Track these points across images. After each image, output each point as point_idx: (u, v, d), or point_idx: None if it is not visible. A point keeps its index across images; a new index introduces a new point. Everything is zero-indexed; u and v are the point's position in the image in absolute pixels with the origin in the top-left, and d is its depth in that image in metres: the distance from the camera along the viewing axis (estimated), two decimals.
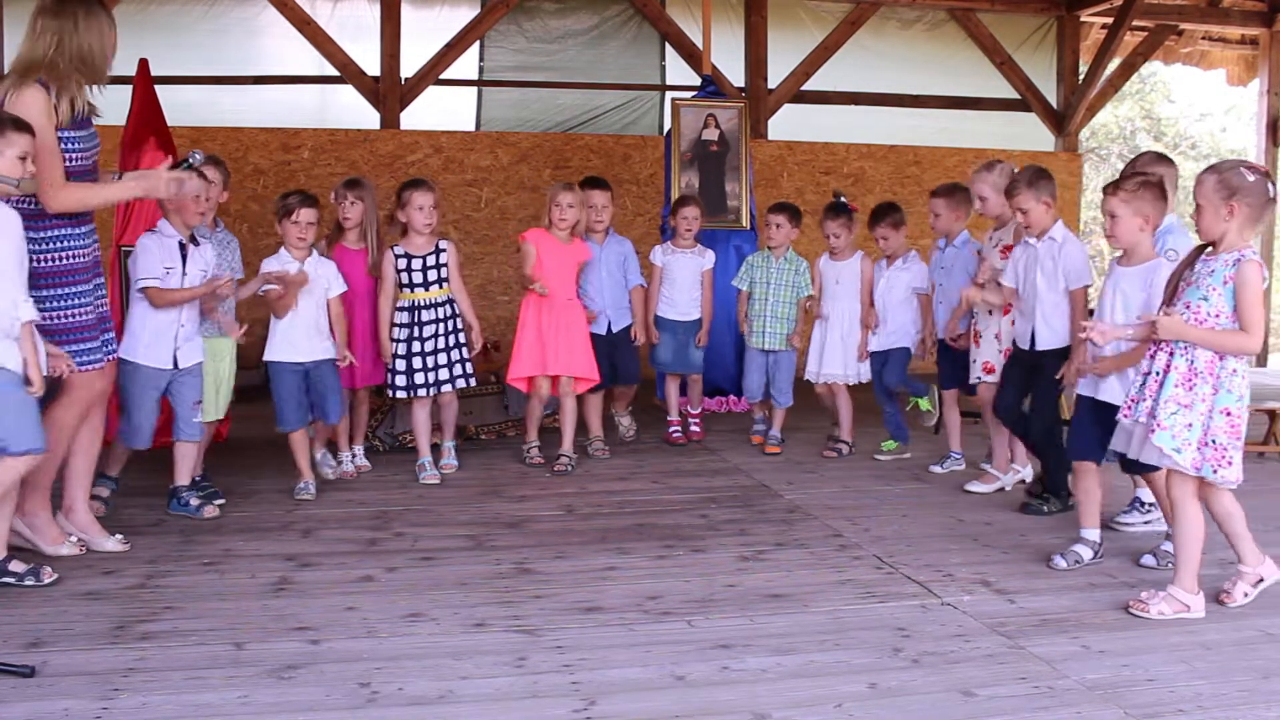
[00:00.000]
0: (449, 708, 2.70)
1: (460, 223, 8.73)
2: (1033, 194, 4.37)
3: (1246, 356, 3.33)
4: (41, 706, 2.65)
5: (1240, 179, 3.29)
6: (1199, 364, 3.30)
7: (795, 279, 5.84)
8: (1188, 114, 20.29)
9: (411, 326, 5.19)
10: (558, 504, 4.80)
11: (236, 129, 8.47)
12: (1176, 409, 3.30)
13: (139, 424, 4.28)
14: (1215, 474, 3.29)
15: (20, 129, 3.41)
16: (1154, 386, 3.36)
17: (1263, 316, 3.29)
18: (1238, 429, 3.30)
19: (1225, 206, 3.29)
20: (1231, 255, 3.30)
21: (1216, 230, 3.33)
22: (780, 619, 3.35)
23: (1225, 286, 3.28)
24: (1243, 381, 3.32)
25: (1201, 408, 3.29)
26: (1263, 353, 10.71)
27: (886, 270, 5.71)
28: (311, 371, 4.84)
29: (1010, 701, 2.77)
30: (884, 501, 4.88)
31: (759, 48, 9.49)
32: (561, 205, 5.39)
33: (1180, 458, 3.29)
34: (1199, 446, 3.29)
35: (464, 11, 9.05)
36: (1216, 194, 3.30)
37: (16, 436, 3.36)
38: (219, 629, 3.19)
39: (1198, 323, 3.31)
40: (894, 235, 5.66)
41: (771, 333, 5.84)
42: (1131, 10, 9.42)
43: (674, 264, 6.01)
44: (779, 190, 9.38)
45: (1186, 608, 3.36)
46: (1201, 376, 3.29)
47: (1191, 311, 3.32)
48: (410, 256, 5.19)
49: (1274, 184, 3.32)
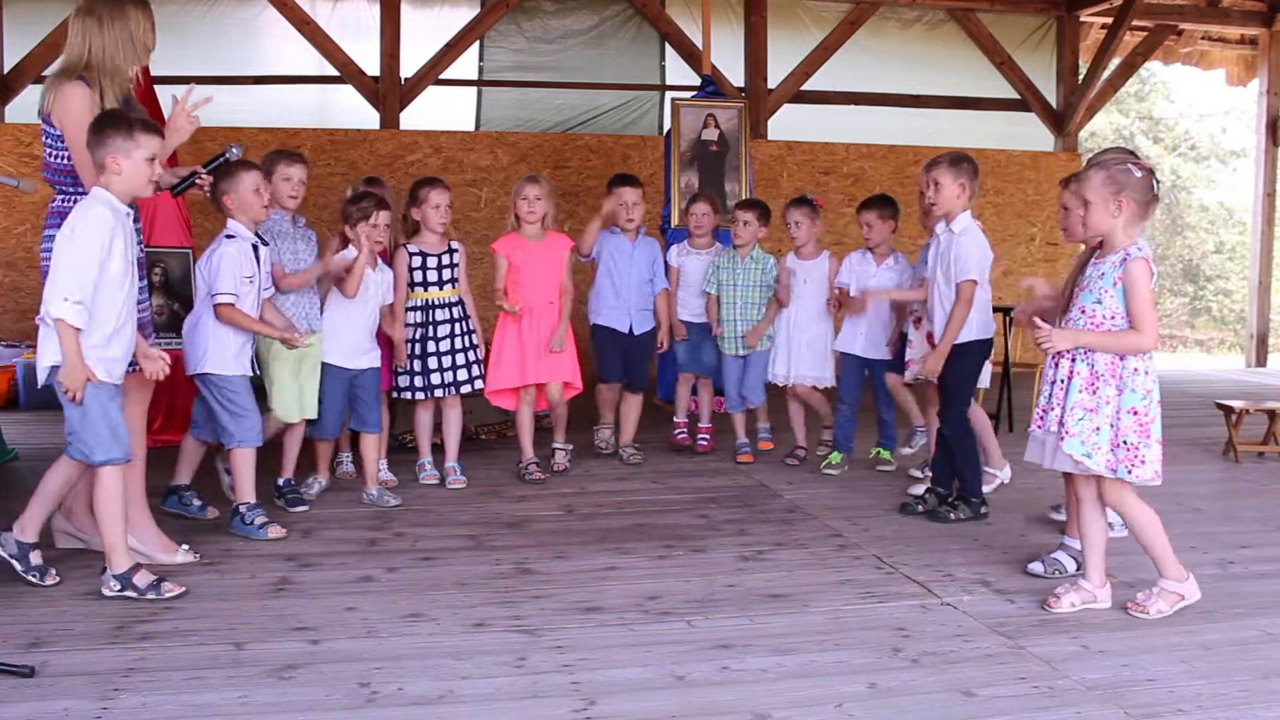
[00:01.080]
0: (449, 708, 2.70)
1: (460, 223, 8.72)
2: (950, 172, 4.37)
3: (1144, 355, 3.30)
4: (41, 706, 2.65)
5: (1128, 175, 3.27)
6: (1099, 367, 3.29)
7: (763, 278, 5.61)
8: (1187, 114, 20.30)
9: (426, 326, 5.08)
10: (558, 504, 4.80)
11: (236, 129, 8.46)
12: (1083, 414, 3.29)
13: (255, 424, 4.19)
14: (1130, 474, 3.28)
15: (150, 131, 3.42)
16: (1060, 394, 3.36)
17: (1152, 313, 3.26)
18: (1146, 427, 3.28)
19: (1114, 202, 3.27)
20: (1118, 255, 3.28)
21: (1104, 226, 3.30)
22: (780, 619, 3.35)
23: (1115, 288, 3.28)
24: (1147, 379, 3.30)
25: (1107, 410, 3.28)
26: (1263, 353, 10.71)
27: (875, 269, 5.43)
28: (357, 379, 4.78)
29: (1010, 701, 2.77)
30: (884, 501, 4.88)
31: (759, 48, 9.50)
32: (529, 198, 5.21)
33: (1091, 462, 3.29)
34: (1111, 448, 3.28)
35: (464, 11, 9.06)
36: (1105, 188, 3.27)
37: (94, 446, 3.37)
38: (219, 629, 3.19)
39: (1094, 326, 3.30)
40: (878, 225, 5.38)
41: (739, 337, 5.64)
42: (1131, 10, 9.43)
43: (690, 265, 5.82)
44: (779, 190, 9.38)
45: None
46: (1103, 379, 3.28)
47: (1086, 316, 3.32)
48: (425, 255, 5.10)
49: (1158, 182, 3.31)
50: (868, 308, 5.24)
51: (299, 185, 4.60)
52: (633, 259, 5.60)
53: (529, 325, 5.23)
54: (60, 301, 3.24)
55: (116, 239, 3.35)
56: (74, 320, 3.25)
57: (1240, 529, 4.48)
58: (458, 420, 5.23)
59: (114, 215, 3.36)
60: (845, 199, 9.63)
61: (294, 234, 4.62)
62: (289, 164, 4.60)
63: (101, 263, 3.30)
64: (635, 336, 5.65)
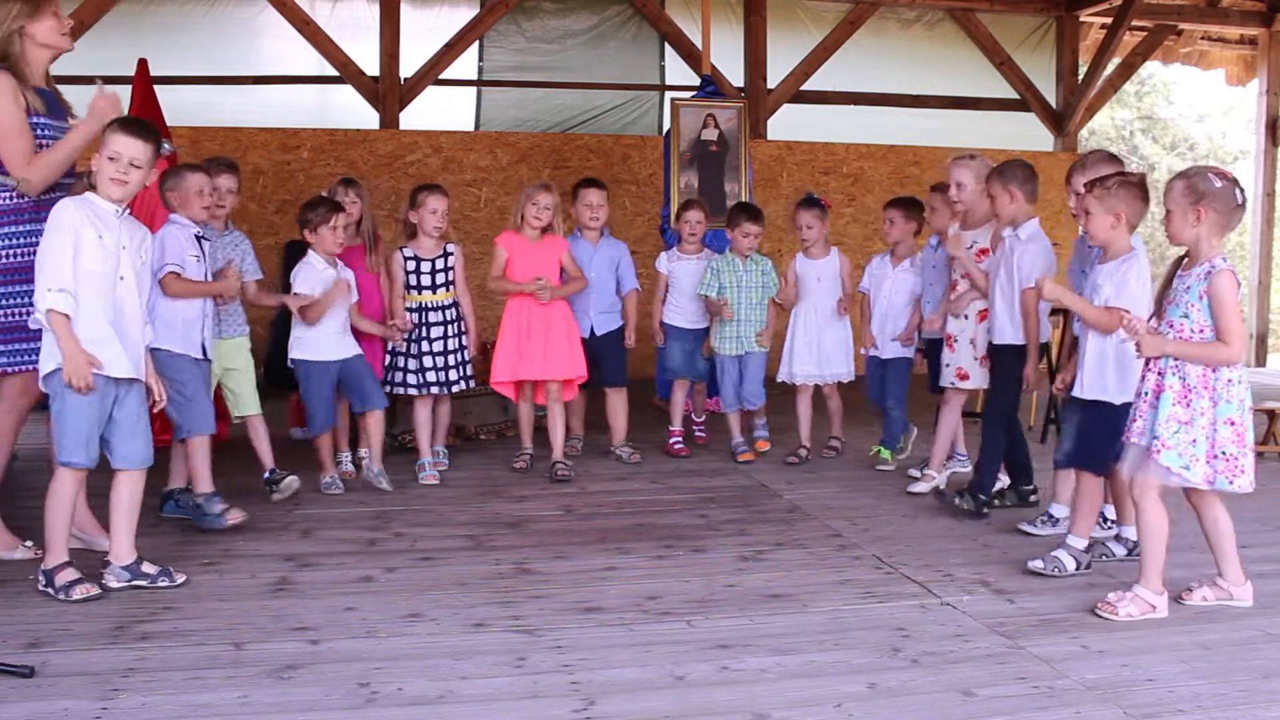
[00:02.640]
0: (449, 708, 2.70)
1: (460, 223, 8.72)
2: (999, 182, 4.47)
3: (1235, 365, 3.33)
4: (41, 706, 2.65)
5: (1208, 184, 3.29)
6: (1191, 380, 3.31)
7: (763, 279, 5.72)
8: (1186, 114, 20.31)
9: (419, 327, 5.24)
10: (557, 504, 4.80)
11: (236, 129, 8.47)
12: (1178, 427, 3.30)
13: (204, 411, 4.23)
14: (1231, 484, 3.30)
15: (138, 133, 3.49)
16: (1145, 407, 3.38)
17: (1239, 325, 3.30)
18: (1243, 437, 3.31)
19: (1193, 212, 3.29)
20: (1203, 268, 3.31)
21: (1186, 236, 3.34)
22: (780, 619, 3.35)
23: (1201, 301, 3.30)
24: (1241, 388, 3.32)
25: (1202, 422, 3.29)
26: (1262, 353, 10.71)
27: (892, 270, 5.57)
28: (344, 367, 4.89)
29: (1010, 701, 2.77)
30: (883, 501, 4.88)
31: (758, 48, 9.50)
32: (539, 205, 5.31)
33: (1190, 474, 3.30)
34: (1208, 460, 3.29)
35: (463, 11, 9.06)
36: (1185, 199, 3.31)
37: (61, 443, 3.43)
38: (219, 629, 3.19)
39: (1182, 340, 3.32)
40: (900, 224, 5.55)
41: (744, 337, 5.70)
42: (1131, 10, 9.43)
43: (680, 271, 5.88)
44: (778, 190, 9.39)
45: (1153, 608, 3.37)
46: (1196, 391, 3.30)
47: (1175, 330, 3.34)
48: (420, 259, 5.24)
49: (1241, 191, 3.33)
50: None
51: (226, 194, 4.64)
52: (592, 263, 5.63)
53: (527, 320, 5.31)
54: (45, 293, 3.30)
55: (85, 230, 3.37)
56: (61, 306, 3.29)
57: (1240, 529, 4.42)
58: (447, 413, 5.49)
59: (80, 206, 3.40)
60: (845, 199, 9.64)
61: (221, 241, 4.66)
62: (216, 174, 4.61)
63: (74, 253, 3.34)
64: (598, 338, 5.68)
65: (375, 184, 8.41)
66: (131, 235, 3.54)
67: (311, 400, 4.87)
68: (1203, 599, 3.47)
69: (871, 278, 5.67)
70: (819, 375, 5.73)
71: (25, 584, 3.49)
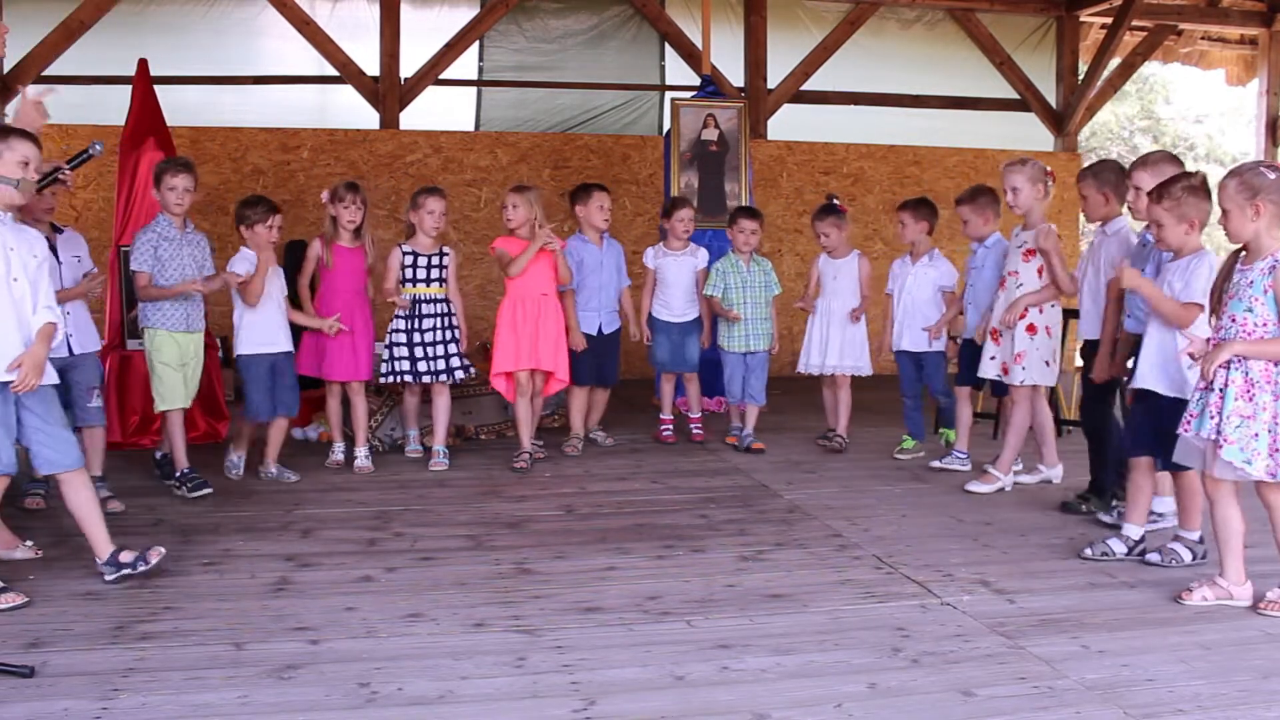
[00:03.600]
0: (449, 708, 2.70)
1: (459, 223, 8.72)
2: (1094, 183, 4.54)
3: None
4: (41, 706, 2.65)
5: (1261, 178, 3.32)
6: (1254, 374, 3.31)
7: (766, 279, 5.96)
8: (1186, 115, 20.30)
9: (411, 319, 5.42)
10: (557, 504, 4.80)
11: (236, 129, 8.47)
12: (1240, 421, 3.31)
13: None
14: None
15: (22, 137, 3.50)
16: (1215, 401, 3.37)
17: None
18: None
19: (1250, 206, 3.31)
20: (1266, 262, 3.31)
21: (1246, 232, 3.35)
22: (780, 619, 3.35)
23: (1266, 295, 3.30)
24: None
25: (1265, 416, 3.30)
26: None
27: (912, 267, 5.75)
28: (277, 363, 5.08)
29: (1010, 701, 2.77)
30: (883, 501, 4.88)
31: (758, 48, 9.49)
32: (508, 206, 5.48)
33: (1252, 468, 3.31)
34: (1270, 453, 3.30)
35: (463, 11, 9.05)
36: (1240, 195, 3.33)
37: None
38: (219, 629, 3.19)
39: (1245, 335, 3.32)
40: (911, 225, 5.73)
41: (751, 335, 5.90)
42: (1131, 10, 9.42)
43: (667, 266, 6.05)
44: (778, 190, 9.39)
45: (1231, 595, 3.44)
46: (1259, 386, 3.31)
47: (1238, 324, 3.34)
48: (417, 255, 5.46)
49: None
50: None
51: (184, 194, 4.75)
52: (602, 264, 5.87)
53: (523, 314, 5.44)
54: None
55: None
56: None
57: None
58: (446, 406, 5.51)
59: None
60: (845, 199, 9.62)
61: (181, 239, 4.79)
62: (173, 174, 4.75)
63: None
64: (605, 336, 5.91)
65: (375, 184, 8.42)
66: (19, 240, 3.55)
67: (251, 389, 5.06)
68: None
69: (894, 278, 5.86)
70: (838, 365, 5.90)
71: (26, 584, 3.49)
